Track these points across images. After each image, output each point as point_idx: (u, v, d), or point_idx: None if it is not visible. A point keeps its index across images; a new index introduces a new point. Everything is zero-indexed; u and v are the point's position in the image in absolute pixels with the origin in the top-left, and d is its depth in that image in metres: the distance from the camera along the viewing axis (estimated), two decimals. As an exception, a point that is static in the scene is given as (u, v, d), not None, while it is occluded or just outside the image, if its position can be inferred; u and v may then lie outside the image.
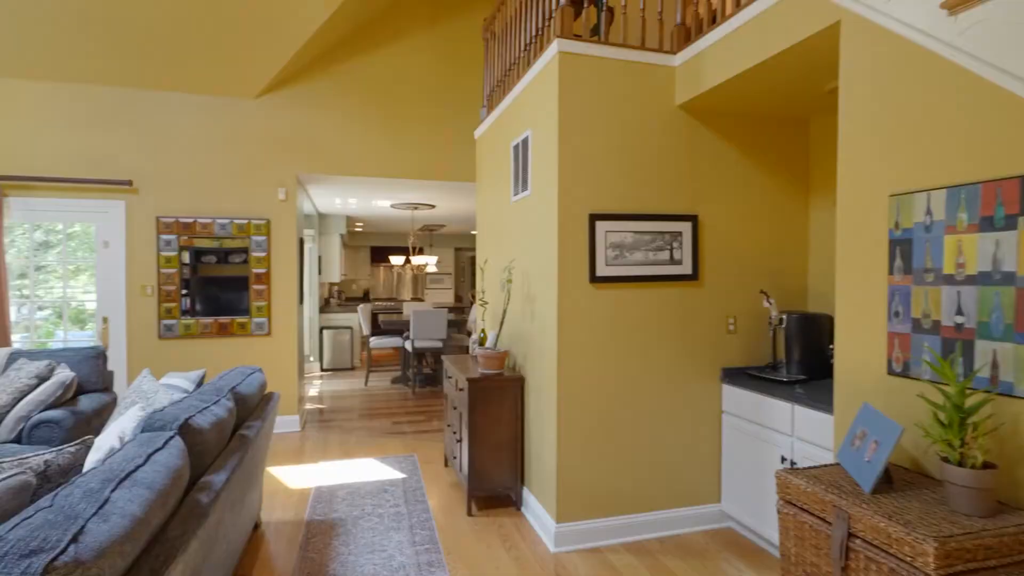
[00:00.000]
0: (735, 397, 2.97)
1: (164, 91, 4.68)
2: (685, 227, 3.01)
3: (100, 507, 1.26)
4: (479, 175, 4.57)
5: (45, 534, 1.11)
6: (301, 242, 5.47)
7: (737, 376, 3.02)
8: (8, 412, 3.16)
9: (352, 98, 5.06)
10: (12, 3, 3.85)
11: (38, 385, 3.28)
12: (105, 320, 4.64)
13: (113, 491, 1.35)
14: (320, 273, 8.55)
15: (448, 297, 13.23)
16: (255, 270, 4.88)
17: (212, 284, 4.80)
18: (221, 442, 2.22)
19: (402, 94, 5.16)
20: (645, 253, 2.95)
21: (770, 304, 3.00)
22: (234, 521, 2.25)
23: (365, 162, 5.12)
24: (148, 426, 1.95)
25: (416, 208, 7.61)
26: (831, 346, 2.81)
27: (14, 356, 3.56)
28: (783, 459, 2.59)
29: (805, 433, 2.46)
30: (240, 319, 4.86)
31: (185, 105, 4.73)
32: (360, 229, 11.43)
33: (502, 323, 3.52)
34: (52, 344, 4.71)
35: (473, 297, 5.46)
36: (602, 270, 2.90)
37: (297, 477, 3.90)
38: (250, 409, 2.79)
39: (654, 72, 2.94)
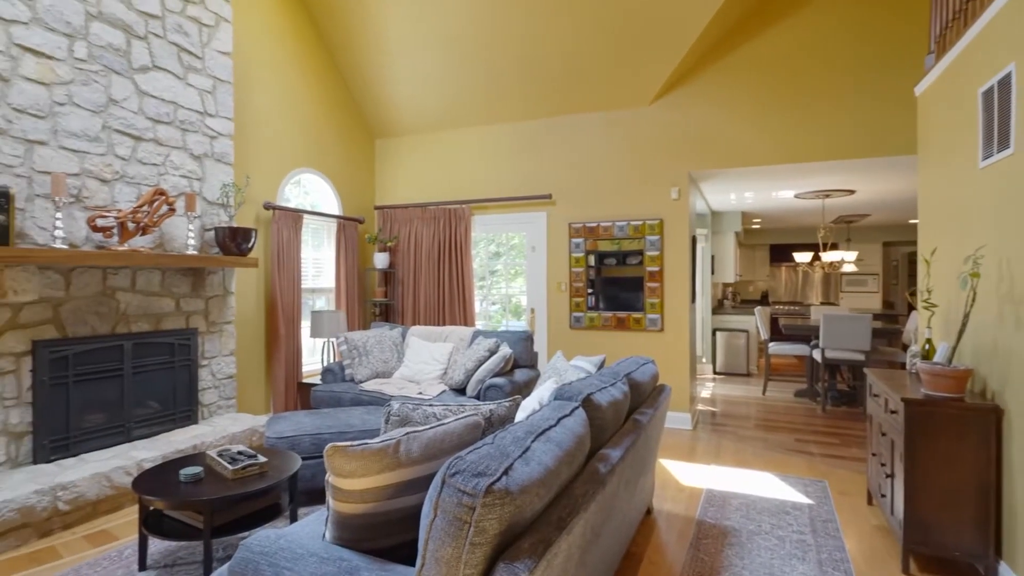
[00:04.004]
0: None
1: (572, 114, 5.40)
2: None
3: (523, 452, 1.44)
4: (922, 142, 3.58)
5: (488, 463, 1.33)
6: (693, 241, 5.42)
7: None
8: (473, 374, 4.16)
9: (745, 84, 4.72)
10: (474, 71, 5.11)
11: (489, 357, 4.20)
12: (532, 311, 5.63)
13: (533, 442, 1.52)
14: (713, 273, 8.36)
15: (872, 302, 11.03)
16: (649, 268, 5.08)
17: (612, 283, 5.24)
18: (617, 421, 2.32)
19: (806, 66, 4.52)
20: None
21: None
22: (628, 499, 2.31)
23: (763, 150, 4.69)
24: (559, 395, 2.19)
25: (828, 196, 6.56)
26: None
27: (476, 334, 4.67)
28: None
29: None
30: (635, 315, 5.14)
31: (589, 123, 5.34)
32: (757, 226, 10.69)
33: (961, 332, 2.61)
34: (498, 329, 6.02)
35: (911, 299, 4.34)
36: None
37: (688, 474, 3.83)
38: (643, 396, 2.85)
39: None
